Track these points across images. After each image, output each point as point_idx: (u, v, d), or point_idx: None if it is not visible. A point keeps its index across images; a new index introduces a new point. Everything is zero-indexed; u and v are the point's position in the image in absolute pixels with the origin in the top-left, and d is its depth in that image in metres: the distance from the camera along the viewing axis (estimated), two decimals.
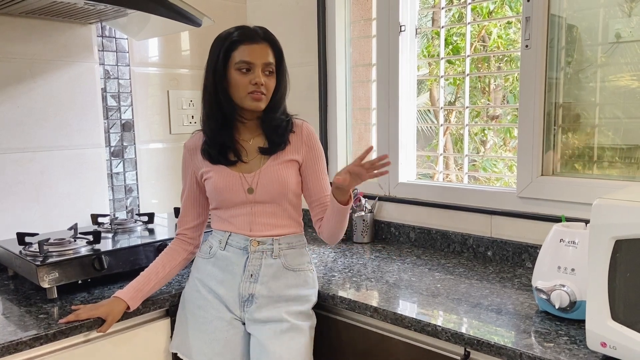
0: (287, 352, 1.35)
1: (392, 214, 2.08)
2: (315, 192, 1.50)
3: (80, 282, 1.56)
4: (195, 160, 1.49)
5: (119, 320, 1.38)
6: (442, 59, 2.03)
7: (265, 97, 1.41)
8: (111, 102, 2.05)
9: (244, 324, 1.44)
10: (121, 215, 2.08)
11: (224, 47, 1.39)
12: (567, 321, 1.25)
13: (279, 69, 1.43)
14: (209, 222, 1.55)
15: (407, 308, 1.38)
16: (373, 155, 2.19)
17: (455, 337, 1.23)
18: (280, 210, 1.45)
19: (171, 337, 1.51)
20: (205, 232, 1.58)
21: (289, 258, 1.45)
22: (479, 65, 4.10)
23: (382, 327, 1.41)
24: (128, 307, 1.39)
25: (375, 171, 1.35)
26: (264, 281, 1.42)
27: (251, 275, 1.42)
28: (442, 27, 2.02)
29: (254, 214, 1.44)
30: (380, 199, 2.10)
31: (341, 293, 1.49)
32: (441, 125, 2.11)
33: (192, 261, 1.55)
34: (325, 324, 1.53)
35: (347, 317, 1.50)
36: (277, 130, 1.45)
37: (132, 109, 2.11)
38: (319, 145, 1.51)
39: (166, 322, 1.53)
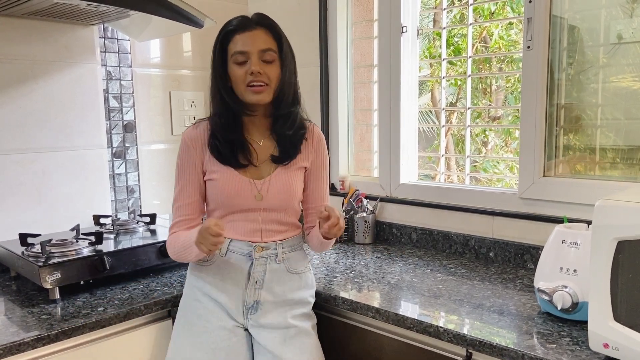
0: (299, 357, 1.34)
1: (393, 214, 2.08)
2: (314, 199, 1.48)
3: (82, 282, 1.56)
4: (200, 153, 1.40)
5: (121, 321, 1.39)
6: (443, 59, 2.03)
7: (268, 87, 1.31)
8: (113, 103, 2.05)
9: (245, 329, 1.41)
10: (123, 216, 2.09)
11: (219, 40, 1.34)
12: (569, 322, 1.25)
13: (282, 55, 1.34)
14: None
15: (408, 309, 1.38)
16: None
17: (457, 338, 1.23)
18: (286, 216, 1.42)
19: None
20: None
21: (292, 262, 1.43)
22: (481, 66, 4.10)
23: (384, 328, 1.41)
24: None
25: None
26: (269, 287, 1.39)
27: (256, 281, 1.38)
28: (444, 28, 2.02)
29: (262, 221, 1.39)
30: (382, 199, 2.10)
31: (343, 294, 1.49)
32: (443, 126, 2.11)
33: (188, 268, 1.47)
34: (327, 325, 1.53)
35: (349, 318, 1.50)
36: (291, 139, 1.39)
37: (134, 110, 2.12)
38: (326, 152, 1.48)
39: (168, 322, 1.52)
